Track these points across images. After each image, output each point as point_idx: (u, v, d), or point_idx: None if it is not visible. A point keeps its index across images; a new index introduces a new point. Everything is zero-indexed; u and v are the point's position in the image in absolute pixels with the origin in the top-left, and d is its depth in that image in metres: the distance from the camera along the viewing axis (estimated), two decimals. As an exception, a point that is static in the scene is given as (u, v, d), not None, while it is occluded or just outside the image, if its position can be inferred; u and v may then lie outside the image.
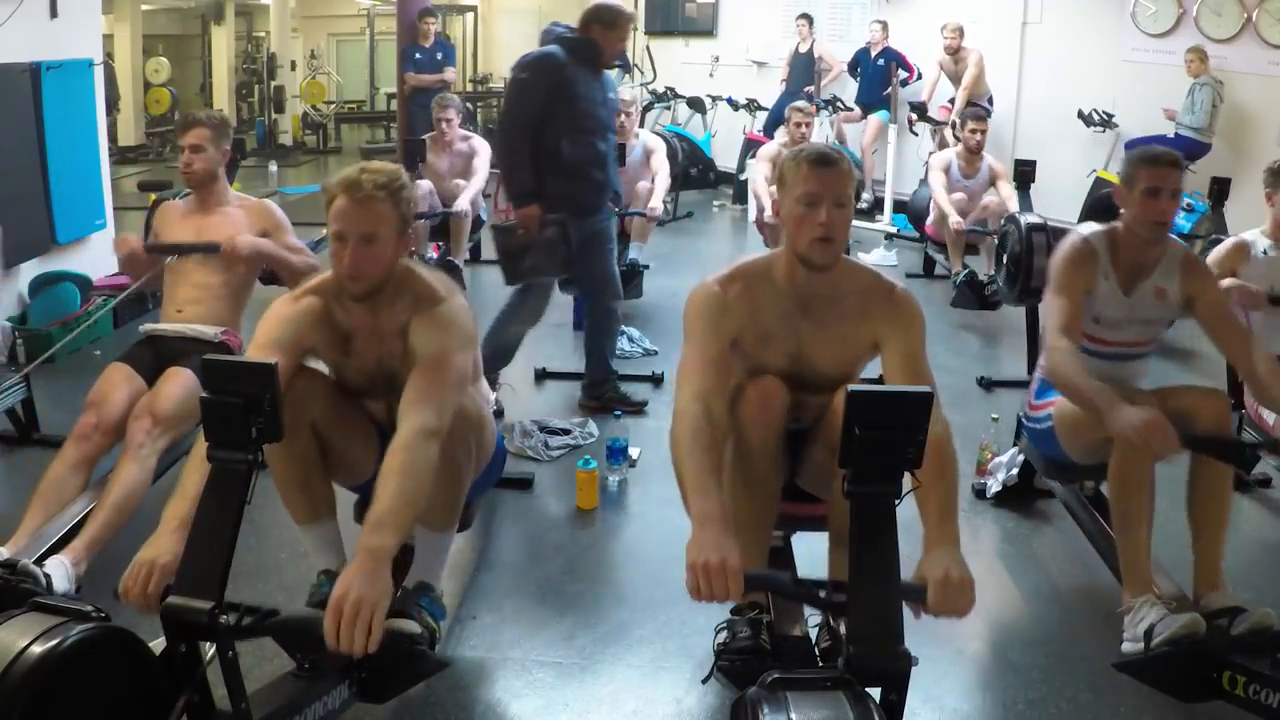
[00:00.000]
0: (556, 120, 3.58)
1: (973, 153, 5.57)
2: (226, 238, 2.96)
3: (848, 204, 2.01)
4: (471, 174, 5.54)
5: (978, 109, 5.95)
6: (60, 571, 2.34)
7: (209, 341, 2.93)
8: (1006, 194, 5.37)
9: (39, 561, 2.33)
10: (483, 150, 5.60)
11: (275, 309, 2.12)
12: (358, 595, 1.65)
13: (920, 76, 7.80)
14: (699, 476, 1.79)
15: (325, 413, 2.16)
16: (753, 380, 2.10)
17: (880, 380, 2.07)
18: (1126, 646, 2.24)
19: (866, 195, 7.89)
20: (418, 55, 7.65)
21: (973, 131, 5.54)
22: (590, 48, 3.64)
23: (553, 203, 3.61)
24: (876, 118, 7.92)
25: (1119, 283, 2.58)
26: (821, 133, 7.89)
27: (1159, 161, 2.48)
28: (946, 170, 5.58)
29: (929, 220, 5.83)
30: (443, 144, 5.57)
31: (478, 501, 2.59)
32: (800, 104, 5.86)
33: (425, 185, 5.25)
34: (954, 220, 5.34)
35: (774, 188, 2.17)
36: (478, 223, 5.69)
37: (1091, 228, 2.66)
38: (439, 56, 7.71)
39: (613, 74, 3.94)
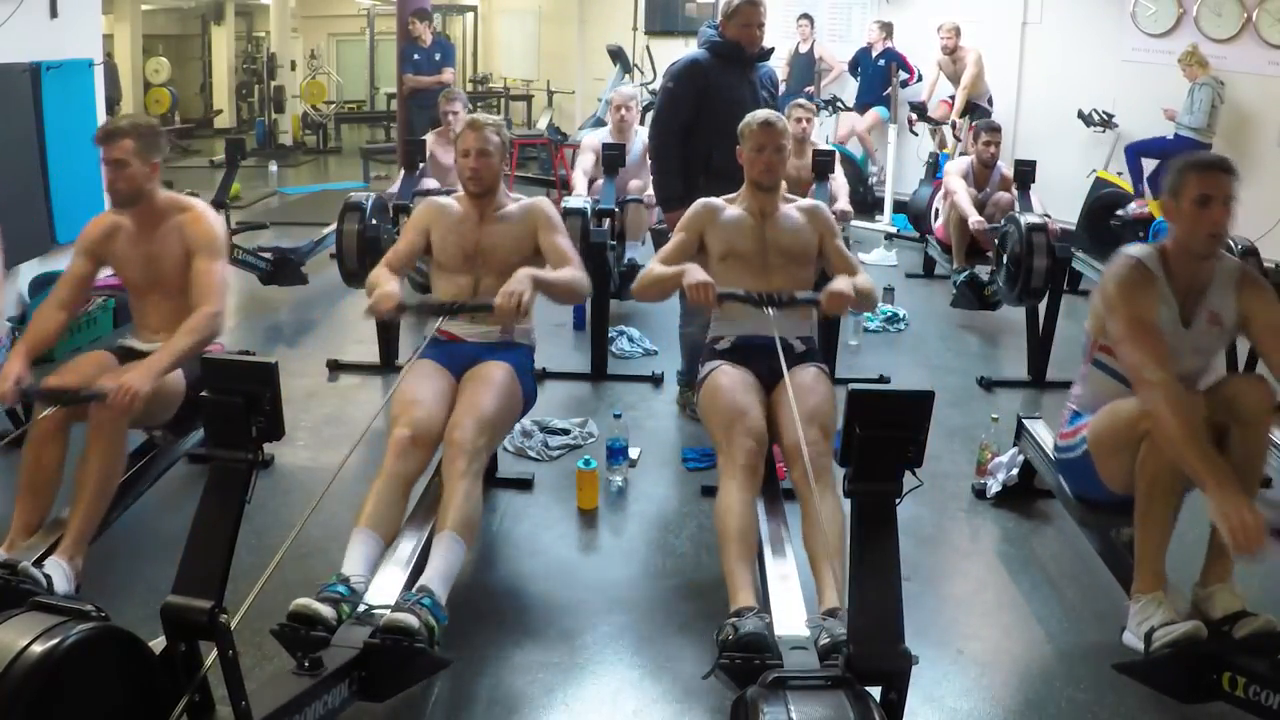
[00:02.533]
0: (705, 126, 3.62)
1: (986, 166, 5.55)
2: (125, 380, 2.50)
3: (782, 149, 2.93)
4: None
5: (993, 121, 5.85)
6: (59, 572, 2.34)
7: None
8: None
9: (38, 563, 2.33)
10: None
11: (422, 205, 2.99)
12: (514, 287, 2.57)
13: (920, 78, 7.80)
14: (665, 269, 2.81)
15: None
16: (734, 450, 2.49)
17: (881, 379, 2.11)
18: (1127, 638, 2.25)
19: (874, 168, 7.90)
20: (416, 56, 7.65)
21: (987, 144, 5.50)
22: (731, 46, 3.65)
23: None
24: (875, 110, 7.92)
25: (1178, 311, 2.39)
26: (822, 132, 7.89)
27: (1211, 167, 2.34)
28: (964, 176, 5.54)
29: (938, 222, 5.80)
30: (448, 138, 5.50)
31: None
32: (801, 101, 5.91)
33: (431, 184, 5.27)
34: (974, 220, 5.24)
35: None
36: None
37: (1139, 248, 2.45)
38: (437, 57, 7.70)
39: (769, 65, 3.88)
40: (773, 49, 3.81)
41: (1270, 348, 2.36)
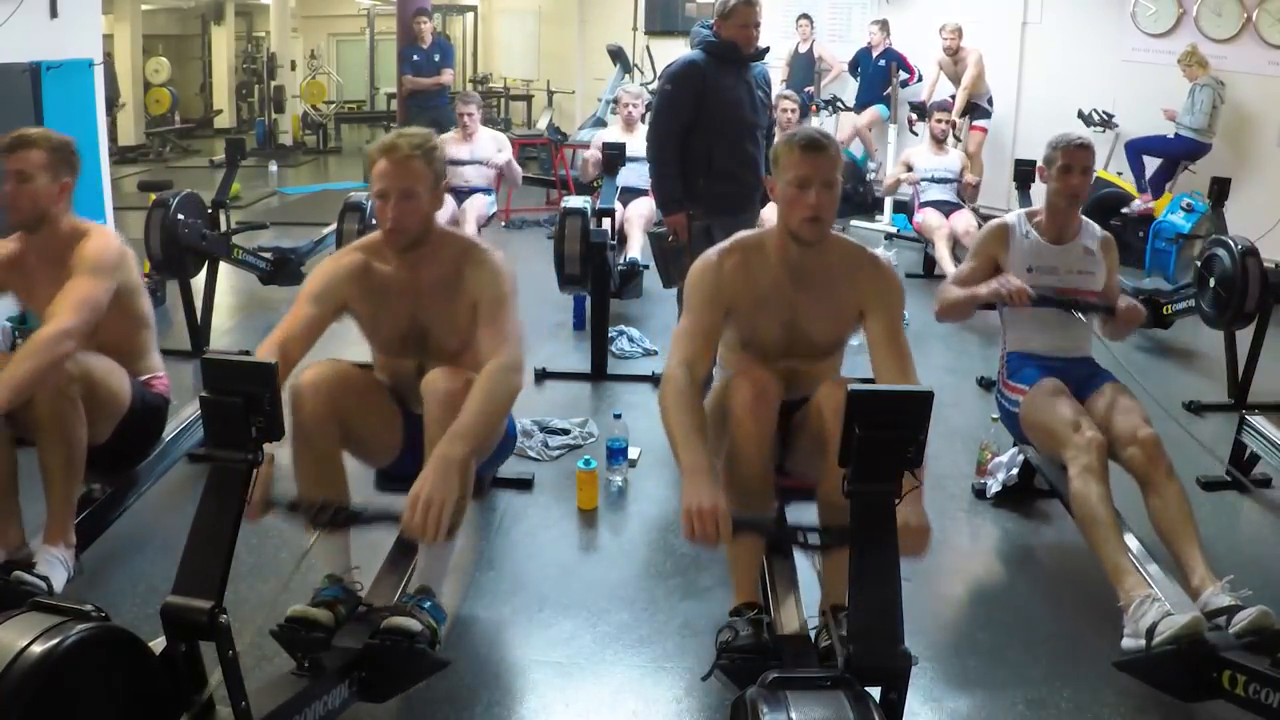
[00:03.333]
0: (703, 127, 3.61)
1: (938, 142, 6.03)
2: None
3: (835, 185, 2.16)
4: (490, 164, 6.16)
5: (943, 100, 6.46)
6: (55, 564, 2.33)
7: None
8: (969, 179, 6.03)
9: (30, 566, 2.32)
10: (505, 144, 6.33)
11: (321, 266, 2.32)
12: (430, 492, 1.86)
13: (920, 78, 7.80)
14: (687, 433, 2.00)
15: (354, 401, 2.23)
16: (746, 373, 2.20)
17: (872, 380, 2.11)
18: (1127, 642, 2.25)
19: (873, 164, 7.91)
20: (415, 56, 7.63)
21: (938, 121, 6.02)
22: (727, 46, 3.63)
23: (706, 205, 3.66)
24: (874, 108, 7.91)
25: (1048, 239, 2.96)
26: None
27: (1072, 144, 2.90)
28: (909, 165, 6.12)
29: (916, 217, 6.08)
30: (464, 136, 6.12)
31: (488, 475, 2.72)
32: (788, 92, 6.09)
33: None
34: (892, 177, 6.07)
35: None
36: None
37: (1014, 212, 3.12)
38: (437, 58, 7.69)
39: (764, 65, 3.86)
40: (768, 49, 3.80)
41: (1108, 295, 2.95)
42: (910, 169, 6.08)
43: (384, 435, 2.35)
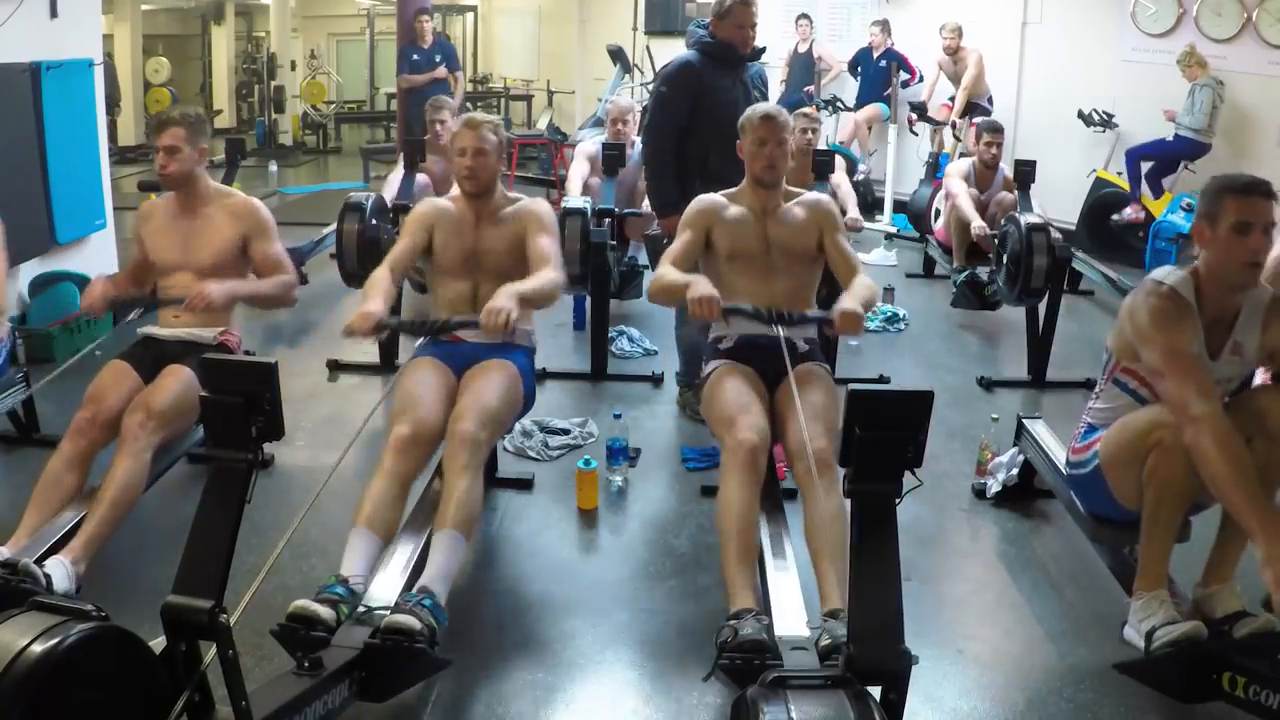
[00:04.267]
0: (699, 129, 3.60)
1: (989, 168, 5.51)
2: (197, 275, 2.93)
3: (784, 143, 2.88)
4: None
5: (994, 121, 5.76)
6: (60, 571, 2.34)
7: (207, 344, 2.93)
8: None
9: (39, 561, 2.33)
10: None
11: (417, 208, 2.95)
12: (500, 303, 2.45)
13: (922, 78, 7.80)
14: (676, 277, 2.68)
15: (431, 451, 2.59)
16: (736, 445, 2.47)
17: (881, 379, 2.11)
18: (1128, 633, 2.25)
19: (864, 167, 7.89)
20: (415, 56, 7.61)
21: (989, 145, 5.45)
22: (722, 47, 3.62)
23: None
24: (875, 105, 7.90)
25: (1206, 343, 2.28)
26: (822, 133, 7.89)
27: (1251, 191, 2.19)
28: (966, 178, 5.50)
29: (938, 224, 5.80)
30: (438, 148, 5.23)
31: (514, 419, 2.82)
32: (807, 110, 5.92)
33: (422, 179, 5.25)
34: (977, 225, 5.15)
35: None
36: None
37: (1170, 273, 2.32)
38: (438, 58, 7.68)
39: (761, 65, 3.86)
40: (764, 49, 3.78)
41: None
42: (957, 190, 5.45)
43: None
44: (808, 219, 2.90)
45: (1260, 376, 2.51)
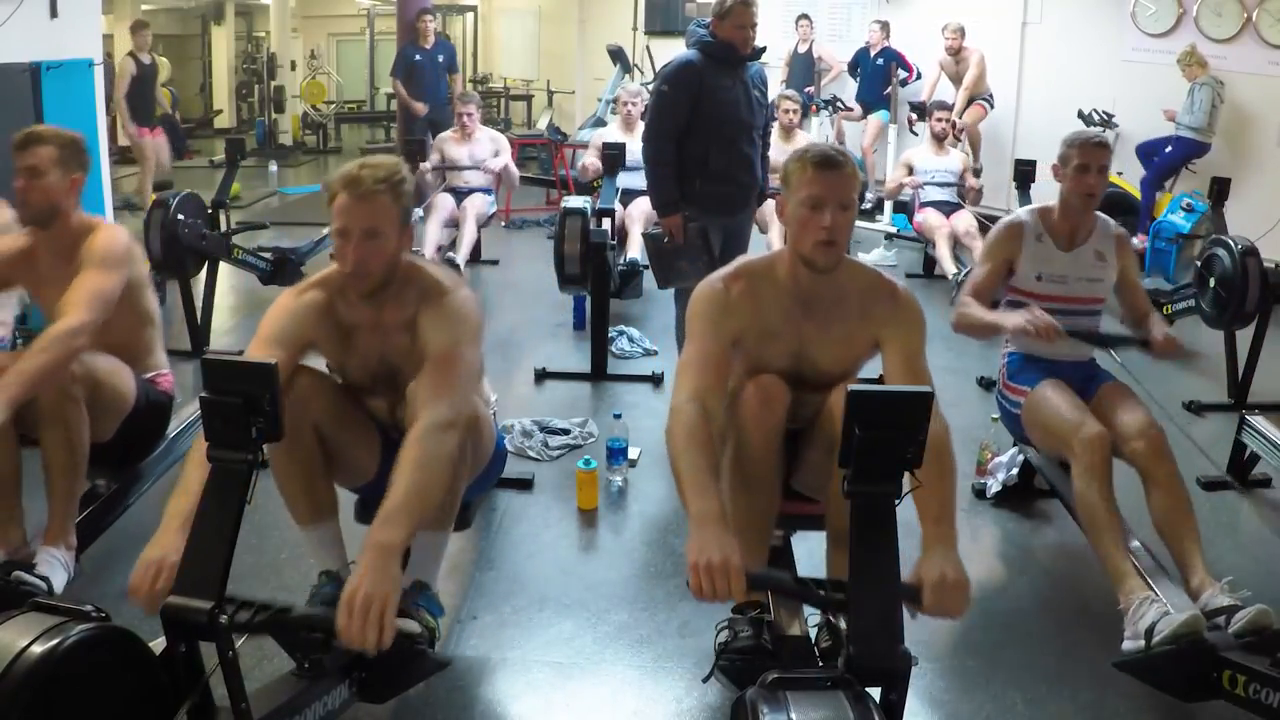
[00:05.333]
0: (700, 129, 3.59)
1: (938, 140, 5.99)
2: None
3: (851, 206, 2.03)
4: (485, 169, 6.06)
5: (942, 100, 6.44)
6: (55, 564, 2.33)
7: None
8: (971, 183, 5.97)
9: (31, 566, 2.32)
10: (504, 145, 6.25)
11: (278, 303, 2.13)
12: (368, 591, 1.66)
13: (920, 76, 7.80)
14: (696, 475, 1.79)
15: (328, 413, 2.16)
16: (753, 379, 2.10)
17: (880, 380, 2.10)
18: (1127, 645, 2.25)
19: (870, 195, 7.90)
20: (417, 57, 7.60)
21: (939, 120, 5.96)
22: (723, 47, 3.61)
23: (702, 206, 3.65)
24: (876, 118, 7.92)
25: (1057, 244, 2.89)
26: (822, 132, 7.90)
27: (1088, 143, 2.84)
28: (909, 168, 6.06)
29: (916, 217, 6.03)
30: (464, 136, 6.05)
31: (477, 501, 2.59)
32: (788, 92, 6.05)
33: (426, 166, 5.32)
34: (894, 180, 6.04)
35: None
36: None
37: (1025, 208, 3.04)
38: (440, 59, 7.66)
39: (761, 65, 3.83)
40: (764, 48, 3.78)
41: (1125, 298, 2.98)
42: (911, 171, 6.03)
43: (360, 453, 2.25)
44: (863, 326, 2.12)
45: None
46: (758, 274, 2.13)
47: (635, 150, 5.20)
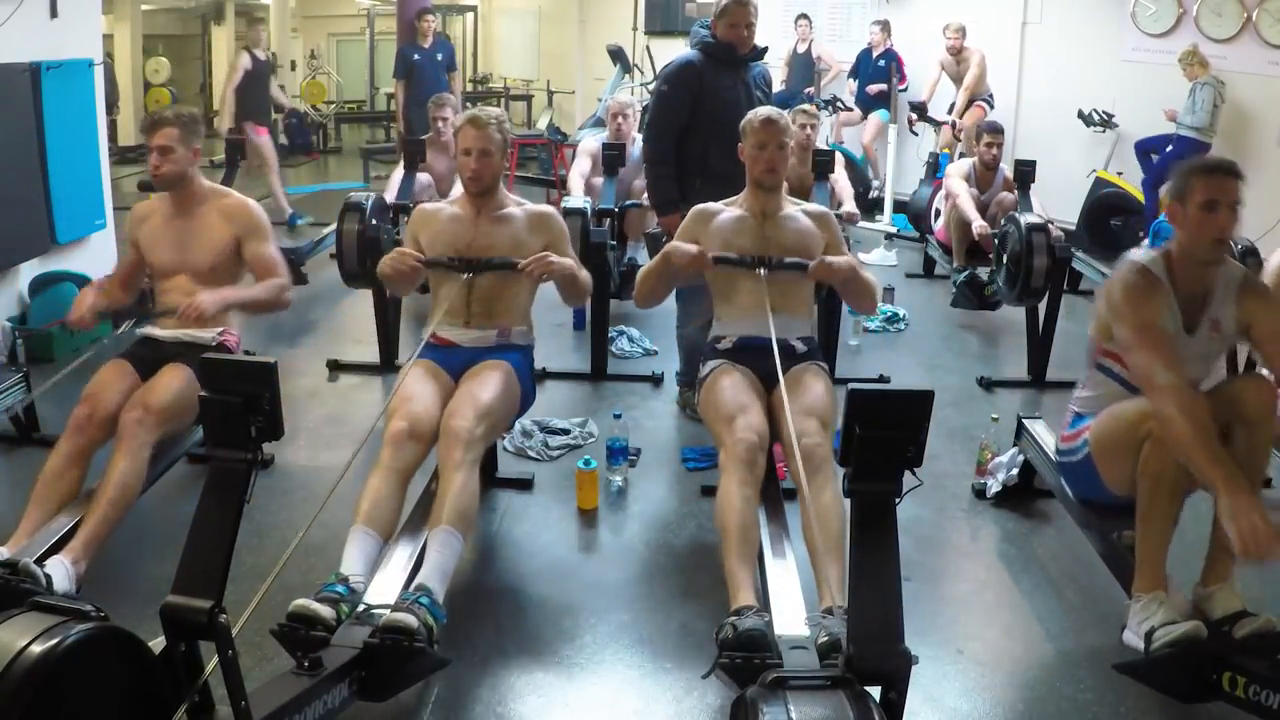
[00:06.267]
0: (700, 128, 3.60)
1: (989, 168, 5.55)
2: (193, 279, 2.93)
3: (785, 146, 2.89)
4: None
5: (995, 122, 5.80)
6: (60, 571, 2.34)
7: (206, 345, 2.92)
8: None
9: (39, 561, 2.33)
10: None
11: (420, 209, 2.97)
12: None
13: (907, 88, 7.78)
14: (649, 265, 2.88)
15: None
16: (734, 443, 2.47)
17: (881, 379, 2.11)
18: (1127, 637, 2.24)
19: (877, 182, 7.91)
20: (416, 56, 7.60)
21: (989, 145, 5.50)
22: (723, 47, 3.62)
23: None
24: (876, 116, 7.92)
25: (1181, 318, 2.37)
26: (821, 133, 7.89)
27: (1217, 171, 2.32)
28: (966, 178, 5.55)
29: (938, 224, 5.82)
30: (440, 145, 5.41)
31: (516, 414, 2.83)
32: (805, 106, 5.90)
33: (424, 179, 5.27)
34: (978, 225, 5.22)
35: None
36: None
37: (1144, 253, 2.44)
38: (439, 57, 7.66)
39: (764, 65, 3.83)
40: (766, 48, 3.78)
41: (1272, 353, 2.36)
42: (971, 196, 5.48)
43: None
44: (813, 228, 2.91)
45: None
46: (731, 199, 3.01)
47: (631, 158, 5.20)
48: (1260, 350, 2.41)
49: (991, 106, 7.34)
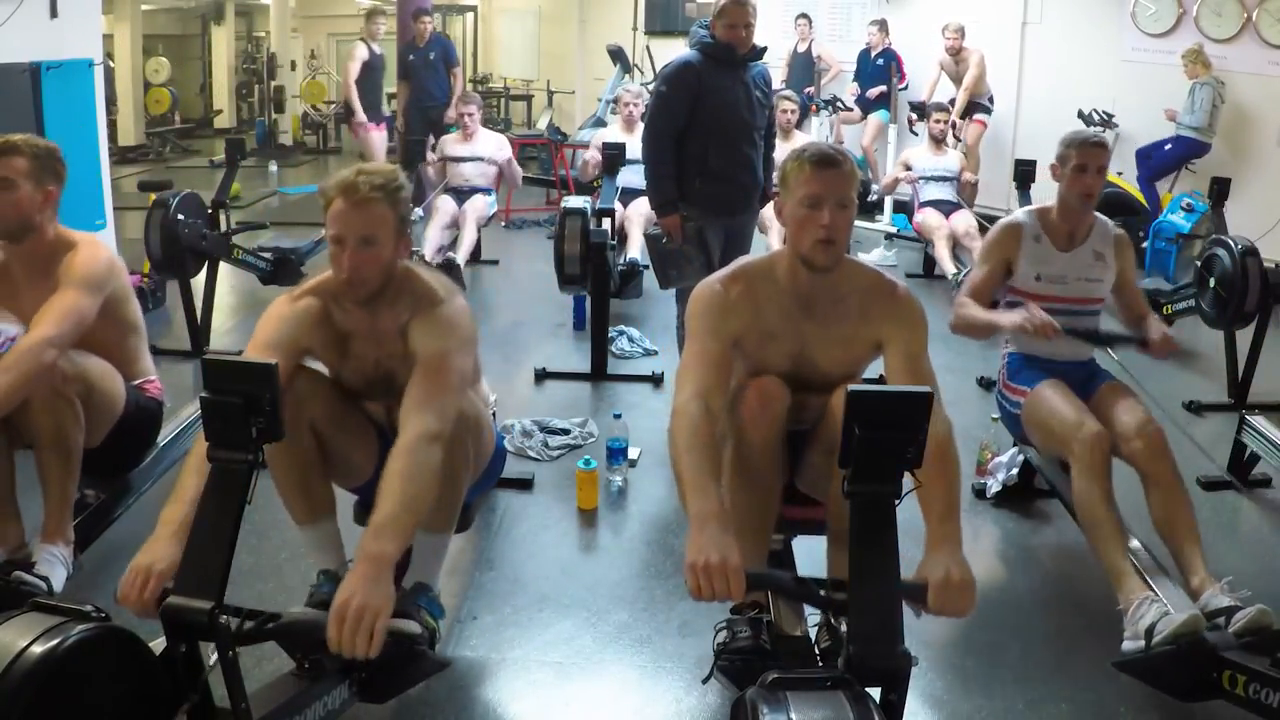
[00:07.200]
0: (699, 129, 3.59)
1: (937, 142, 6.00)
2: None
3: (850, 205, 2.02)
4: (489, 160, 6.08)
5: (940, 102, 6.41)
6: (54, 560, 2.33)
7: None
8: (967, 178, 6.06)
9: (30, 566, 2.32)
10: (505, 146, 6.24)
11: (273, 309, 2.12)
12: (360, 602, 1.66)
13: (907, 87, 7.79)
14: (697, 476, 1.79)
15: (325, 413, 2.16)
16: (754, 379, 2.10)
17: (881, 380, 2.10)
18: (1127, 645, 2.25)
19: (876, 186, 7.91)
20: (411, 56, 7.53)
21: (937, 121, 5.99)
22: (722, 47, 3.61)
23: (700, 206, 3.65)
24: (876, 117, 7.92)
25: (1055, 244, 2.89)
26: (821, 133, 7.90)
27: (1086, 143, 2.84)
28: (907, 165, 6.10)
29: (915, 217, 6.05)
30: (464, 137, 6.05)
31: (476, 502, 2.59)
32: (786, 93, 6.02)
33: (430, 174, 5.31)
34: (890, 177, 6.09)
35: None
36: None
37: (1023, 210, 3.03)
38: (432, 55, 7.60)
39: (764, 65, 3.81)
40: (765, 48, 3.78)
41: (1124, 297, 2.95)
42: (909, 168, 6.05)
43: (358, 454, 2.25)
44: (864, 326, 2.11)
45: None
46: (757, 275, 2.12)
47: (635, 148, 5.22)
48: (1118, 296, 2.95)
49: (990, 112, 7.34)
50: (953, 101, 7.41)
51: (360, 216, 1.98)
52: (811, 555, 2.58)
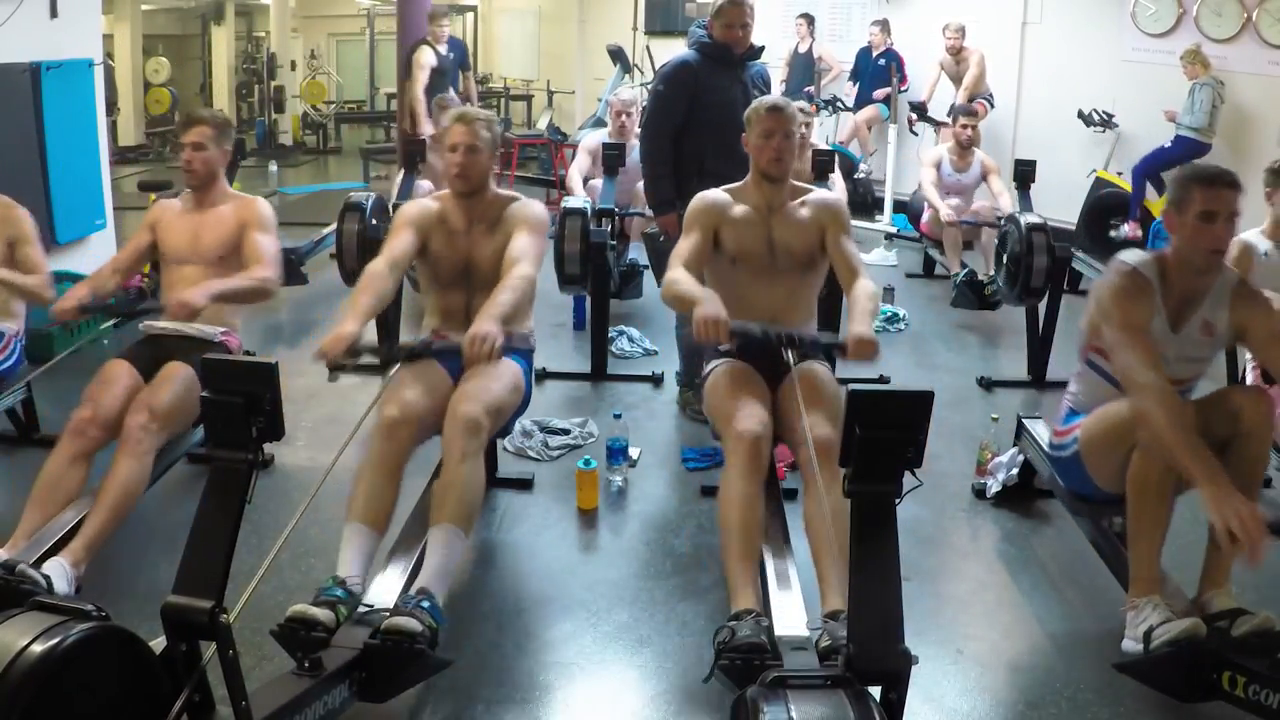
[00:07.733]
0: (697, 128, 3.59)
1: (963, 147, 5.73)
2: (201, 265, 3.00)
3: (792, 135, 2.79)
4: None
5: (968, 105, 6.11)
6: (59, 573, 2.34)
7: (209, 341, 2.93)
8: (998, 189, 5.60)
9: (38, 564, 2.33)
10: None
11: (406, 207, 2.85)
12: (483, 330, 2.29)
13: (907, 90, 7.78)
14: (689, 288, 2.52)
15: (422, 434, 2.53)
16: (738, 435, 2.44)
17: (881, 379, 2.11)
18: (1127, 645, 2.24)
19: (865, 166, 7.91)
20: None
21: (964, 126, 5.70)
22: (720, 47, 3.61)
23: None
24: (874, 106, 7.91)
25: (1167, 318, 2.40)
26: (822, 133, 7.90)
27: (1216, 182, 2.30)
28: (937, 166, 5.75)
29: (924, 218, 5.97)
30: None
31: (511, 421, 2.80)
32: (801, 104, 5.91)
33: (425, 185, 5.27)
34: (945, 213, 5.48)
35: None
36: None
37: (1136, 254, 2.46)
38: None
39: (763, 64, 3.83)
40: (763, 48, 3.77)
41: (1270, 357, 2.38)
42: (938, 169, 5.75)
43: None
44: (812, 218, 2.80)
45: (1250, 375, 2.54)
46: (735, 189, 2.88)
47: (631, 158, 5.19)
48: (1257, 355, 2.44)
49: (991, 106, 7.34)
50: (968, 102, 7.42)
51: (470, 131, 2.72)
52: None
